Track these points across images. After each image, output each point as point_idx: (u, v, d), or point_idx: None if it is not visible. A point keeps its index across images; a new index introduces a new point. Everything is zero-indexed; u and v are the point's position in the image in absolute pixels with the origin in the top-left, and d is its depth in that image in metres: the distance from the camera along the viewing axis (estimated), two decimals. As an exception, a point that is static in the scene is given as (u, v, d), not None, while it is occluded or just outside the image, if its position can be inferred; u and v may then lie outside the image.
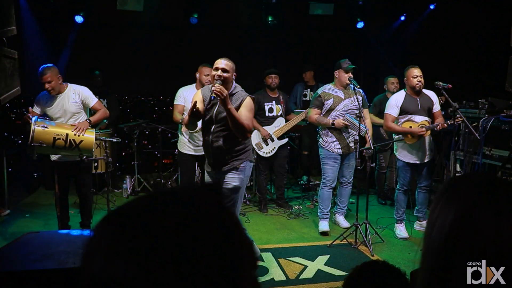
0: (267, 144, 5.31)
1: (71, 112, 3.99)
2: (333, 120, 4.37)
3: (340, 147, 4.45)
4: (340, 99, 4.44)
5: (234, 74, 3.27)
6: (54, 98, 3.98)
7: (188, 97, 4.38)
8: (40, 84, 3.87)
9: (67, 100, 4.00)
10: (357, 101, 4.25)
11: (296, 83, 6.42)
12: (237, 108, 3.20)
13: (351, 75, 4.38)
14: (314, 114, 4.50)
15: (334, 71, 4.50)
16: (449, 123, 4.18)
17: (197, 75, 4.50)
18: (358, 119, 4.13)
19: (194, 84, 4.54)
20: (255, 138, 5.37)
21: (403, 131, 4.35)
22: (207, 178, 3.58)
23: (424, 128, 4.25)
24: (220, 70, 3.14)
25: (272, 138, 5.31)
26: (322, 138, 4.55)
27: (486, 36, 5.78)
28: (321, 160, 4.60)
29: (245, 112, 3.19)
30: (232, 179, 3.34)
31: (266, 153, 5.32)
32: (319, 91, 4.54)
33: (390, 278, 1.13)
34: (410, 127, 4.33)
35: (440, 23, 6.60)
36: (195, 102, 3.10)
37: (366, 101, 4.60)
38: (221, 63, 3.18)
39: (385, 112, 4.49)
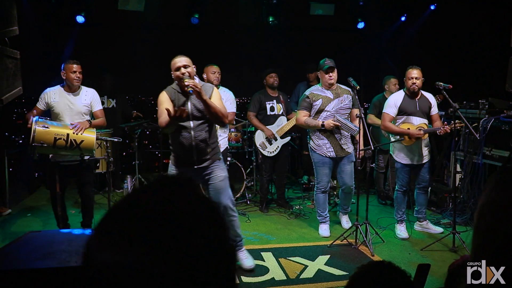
0: (270, 144, 5.32)
1: (80, 112, 4.04)
2: (323, 122, 4.27)
3: (332, 149, 4.34)
4: (329, 99, 4.32)
5: (194, 66, 3.34)
6: (65, 95, 4.03)
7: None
8: (61, 74, 4.00)
9: (79, 100, 4.07)
10: (353, 98, 4.24)
11: (299, 83, 6.36)
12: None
13: (331, 75, 4.28)
14: (302, 116, 4.37)
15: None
16: (449, 128, 4.11)
17: (204, 76, 4.72)
18: (358, 119, 4.12)
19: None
20: (259, 138, 5.38)
21: (400, 132, 4.31)
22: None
23: (422, 131, 4.23)
24: (182, 68, 3.21)
25: (276, 137, 5.31)
26: (313, 141, 4.42)
27: (486, 37, 5.78)
28: (314, 165, 4.50)
29: (218, 101, 3.34)
30: (220, 171, 3.47)
31: (270, 152, 5.32)
32: (307, 92, 4.42)
33: (395, 279, 1.13)
34: (408, 128, 4.31)
35: (440, 24, 6.60)
36: (180, 109, 3.11)
37: (357, 101, 4.58)
38: (181, 60, 3.25)
39: (383, 111, 4.45)
